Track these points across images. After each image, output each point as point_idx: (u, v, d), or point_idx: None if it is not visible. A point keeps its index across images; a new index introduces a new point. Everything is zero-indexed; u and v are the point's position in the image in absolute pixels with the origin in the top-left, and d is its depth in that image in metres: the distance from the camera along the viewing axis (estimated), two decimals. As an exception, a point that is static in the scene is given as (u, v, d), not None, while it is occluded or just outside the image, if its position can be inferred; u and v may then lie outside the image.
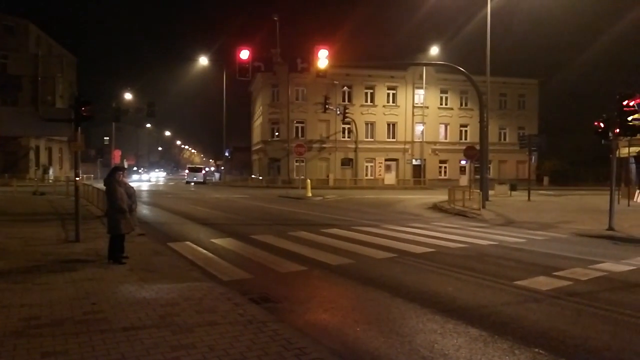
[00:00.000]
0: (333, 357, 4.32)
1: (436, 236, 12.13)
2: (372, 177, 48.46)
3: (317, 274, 7.89)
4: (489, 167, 38.96)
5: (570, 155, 53.27)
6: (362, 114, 48.42)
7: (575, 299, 6.41)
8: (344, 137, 48.41)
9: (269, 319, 5.23)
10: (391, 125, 49.72)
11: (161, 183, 52.10)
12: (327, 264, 8.55)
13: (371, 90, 49.17)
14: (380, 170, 49.23)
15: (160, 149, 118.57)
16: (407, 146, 49.89)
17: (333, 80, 43.35)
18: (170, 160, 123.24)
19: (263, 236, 11.81)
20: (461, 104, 51.23)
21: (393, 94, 49.67)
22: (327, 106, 40.60)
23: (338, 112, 42.58)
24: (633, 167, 22.10)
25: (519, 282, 7.29)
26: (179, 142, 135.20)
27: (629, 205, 20.78)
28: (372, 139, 49.10)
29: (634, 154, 22.54)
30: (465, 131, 50.97)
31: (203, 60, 46.54)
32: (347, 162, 48.60)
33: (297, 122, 48.07)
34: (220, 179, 59.36)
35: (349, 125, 47.19)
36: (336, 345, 4.73)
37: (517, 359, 4.42)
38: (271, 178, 46.87)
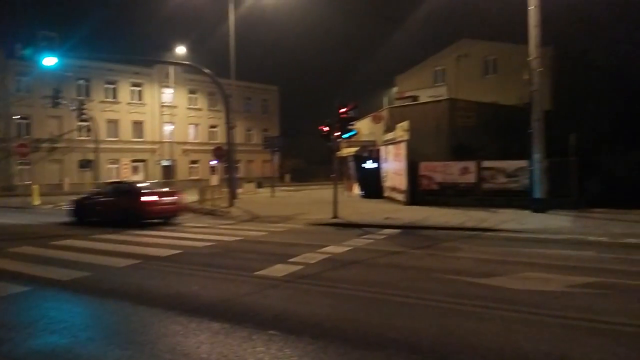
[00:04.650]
0: (59, 383, 3.85)
1: (185, 237, 12.07)
2: (117, 180, 44.90)
3: (44, 294, 6.88)
4: (238, 167, 40.80)
5: (307, 154, 60.32)
6: (103, 111, 44.29)
7: (305, 281, 7.29)
8: (81, 136, 43.43)
9: (-27, 355, 4.31)
10: (137, 124, 47.07)
11: None
12: (59, 280, 7.55)
13: (113, 86, 45.51)
14: (126, 172, 46.01)
15: None
16: (155, 146, 48.05)
17: (65, 71, 38.29)
18: None
19: (-30, 256, 9.64)
20: (210, 105, 52.17)
21: (139, 91, 47.12)
22: (58, 100, 35.52)
23: (73, 108, 37.78)
24: (352, 164, 26.42)
25: (259, 272, 7.87)
26: None
27: (349, 196, 24.81)
28: (115, 139, 45.48)
29: (353, 154, 26.92)
30: (215, 132, 52.12)
31: None
32: (86, 164, 43.54)
33: (20, 118, 40.91)
34: None
35: (87, 123, 42.41)
36: (64, 370, 4.22)
37: (254, 344, 4.75)
38: (-15, 185, 38.61)
